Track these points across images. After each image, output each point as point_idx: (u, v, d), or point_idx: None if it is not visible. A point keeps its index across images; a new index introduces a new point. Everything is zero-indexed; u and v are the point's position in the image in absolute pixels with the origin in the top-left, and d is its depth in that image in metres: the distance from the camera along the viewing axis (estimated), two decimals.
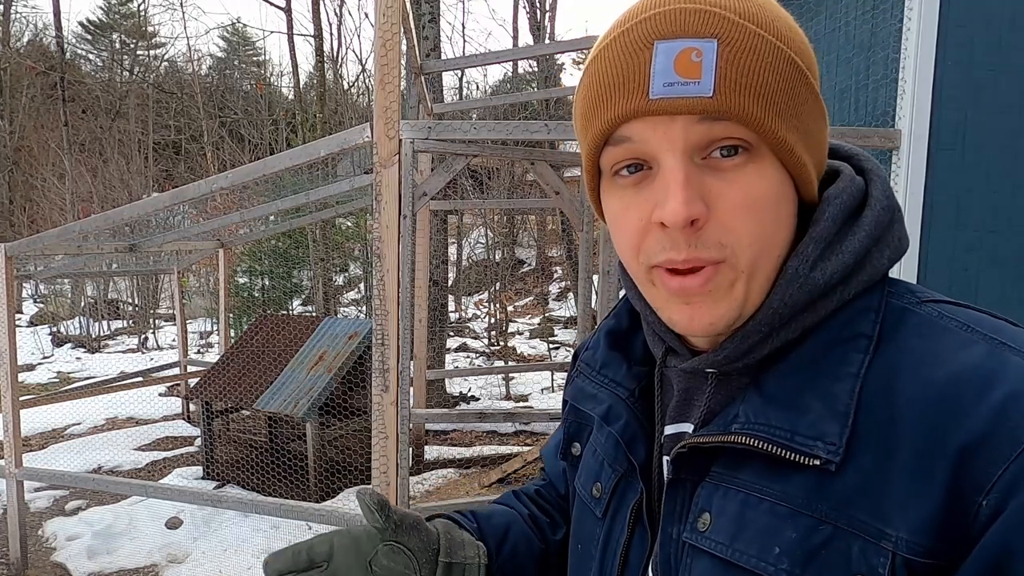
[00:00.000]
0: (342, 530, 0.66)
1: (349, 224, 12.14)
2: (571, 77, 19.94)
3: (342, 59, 19.25)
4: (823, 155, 0.54)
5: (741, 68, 0.46)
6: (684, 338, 0.59)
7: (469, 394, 7.72)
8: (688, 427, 0.58)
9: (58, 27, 19.46)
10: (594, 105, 0.51)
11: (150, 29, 26.19)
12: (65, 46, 21.72)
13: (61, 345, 11.87)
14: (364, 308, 12.35)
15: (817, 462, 0.46)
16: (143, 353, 11.26)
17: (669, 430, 0.60)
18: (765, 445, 0.48)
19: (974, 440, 0.42)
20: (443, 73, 7.65)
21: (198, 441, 5.72)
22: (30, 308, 14.95)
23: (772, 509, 0.48)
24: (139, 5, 26.96)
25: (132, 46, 26.46)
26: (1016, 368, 0.44)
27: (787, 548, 0.47)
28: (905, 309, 0.51)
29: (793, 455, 0.47)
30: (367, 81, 15.13)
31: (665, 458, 0.58)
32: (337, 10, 23.71)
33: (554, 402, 7.45)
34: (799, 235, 0.54)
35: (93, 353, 11.41)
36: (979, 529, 0.41)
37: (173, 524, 4.29)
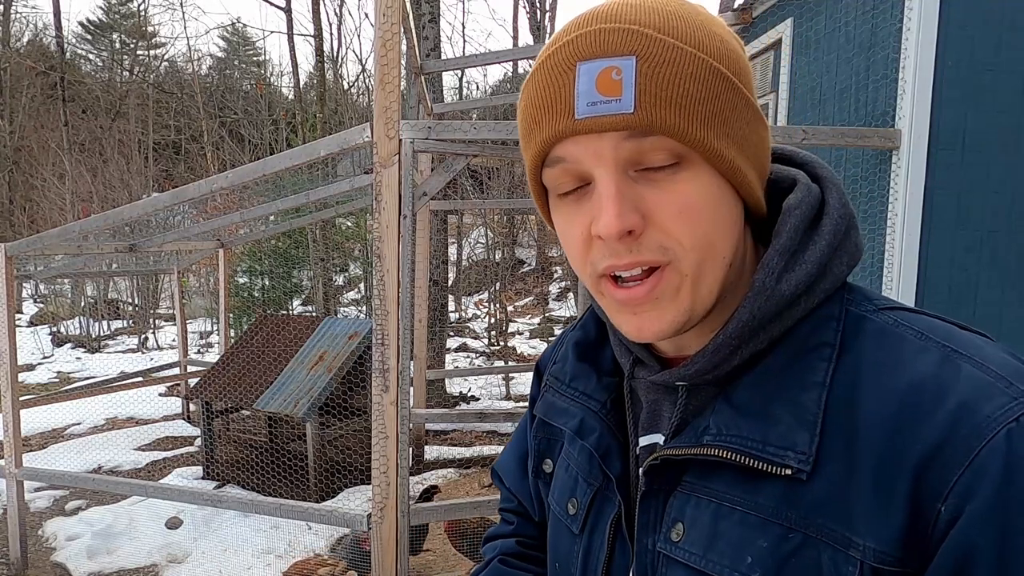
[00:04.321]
0: None
1: (349, 224, 12.13)
2: None
3: (342, 59, 19.25)
4: (763, 158, 0.54)
5: (661, 82, 0.47)
6: (652, 347, 0.60)
7: (469, 394, 7.72)
8: (659, 438, 0.59)
9: (58, 27, 19.47)
10: (528, 128, 0.52)
11: (150, 29, 26.21)
12: (65, 46, 21.72)
13: (61, 345, 11.87)
14: (364, 308, 12.35)
15: (788, 471, 0.48)
16: (143, 353, 11.26)
17: (643, 441, 0.60)
18: (738, 456, 0.50)
19: (930, 450, 0.43)
20: (443, 73, 7.65)
21: (198, 441, 5.72)
22: (30, 308, 14.95)
23: (744, 519, 0.50)
24: (139, 5, 26.98)
25: (132, 46, 26.47)
26: (967, 377, 0.45)
27: (759, 557, 0.48)
28: (863, 317, 0.52)
29: (765, 465, 0.49)
30: (367, 81, 15.13)
31: (640, 470, 0.58)
32: (337, 10, 23.73)
33: None
34: (752, 243, 0.55)
35: (93, 353, 11.41)
36: (939, 535, 0.43)
37: (173, 524, 4.29)
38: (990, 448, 0.42)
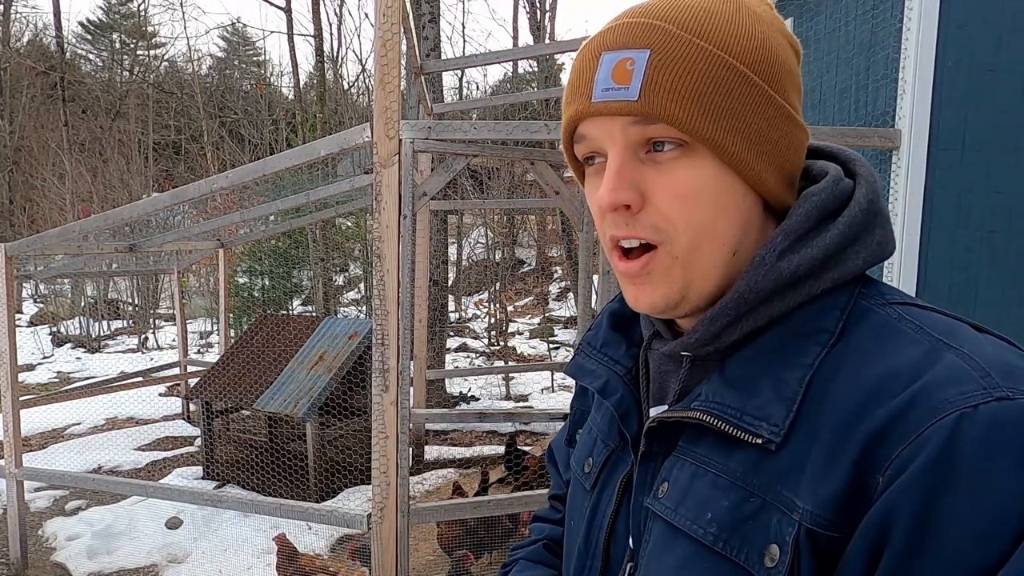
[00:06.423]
0: None
1: (349, 224, 12.13)
2: None
3: (342, 59, 19.25)
4: (787, 155, 0.56)
5: (668, 74, 0.51)
6: (670, 322, 0.64)
7: (469, 394, 7.72)
8: (663, 408, 0.62)
9: (58, 27, 19.48)
10: (564, 105, 0.59)
11: (150, 29, 26.19)
12: (65, 46, 21.72)
13: (61, 345, 11.86)
14: (364, 308, 12.35)
15: (759, 440, 0.50)
16: (143, 353, 11.25)
17: (652, 412, 0.63)
18: (716, 421, 0.53)
19: (883, 423, 0.45)
20: (443, 73, 7.65)
21: (198, 441, 5.72)
22: (30, 308, 14.94)
23: (714, 481, 0.53)
24: (139, 5, 26.96)
25: (132, 46, 26.45)
26: (945, 364, 0.46)
27: (718, 515, 0.52)
28: (869, 309, 0.53)
29: (739, 432, 0.52)
30: (367, 81, 15.13)
31: (642, 432, 0.62)
32: (337, 10, 23.72)
33: (554, 402, 7.45)
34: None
35: (93, 353, 11.40)
36: (873, 502, 0.44)
37: (173, 524, 4.29)
38: (937, 427, 0.42)
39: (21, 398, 4.09)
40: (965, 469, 0.41)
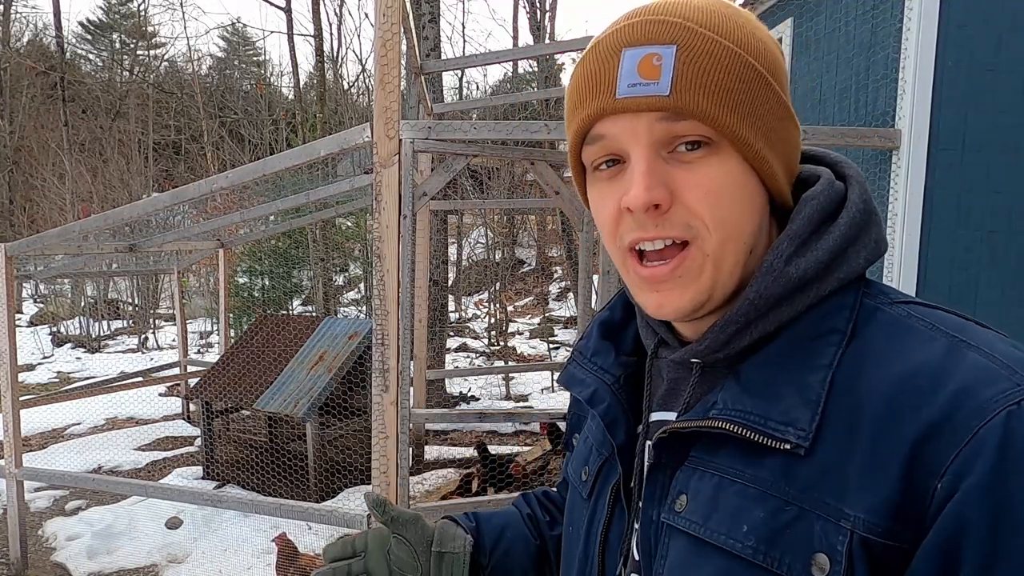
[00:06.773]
0: (375, 528, 0.78)
1: (349, 224, 12.13)
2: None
3: (342, 59, 19.25)
4: (791, 154, 0.57)
5: (697, 70, 0.51)
6: (675, 330, 0.63)
7: (469, 394, 7.72)
8: (672, 415, 0.61)
9: (58, 27, 19.49)
10: (573, 106, 0.57)
11: (150, 29, 26.19)
12: (65, 46, 21.73)
13: (61, 345, 11.86)
14: (364, 308, 12.34)
15: (787, 446, 0.50)
16: (143, 353, 11.25)
17: (655, 417, 0.63)
18: (739, 430, 0.52)
19: (928, 429, 0.45)
20: (443, 73, 7.65)
21: (198, 441, 5.72)
22: (30, 308, 14.94)
23: (743, 491, 0.52)
24: (139, 5, 26.97)
25: (132, 46, 26.46)
26: (971, 363, 0.47)
27: (754, 526, 0.50)
28: (877, 308, 0.54)
29: (765, 439, 0.51)
30: (367, 81, 15.13)
31: (648, 443, 0.61)
32: (337, 10, 23.73)
33: (554, 402, 7.45)
34: (777, 234, 0.58)
35: (93, 353, 11.41)
36: (935, 510, 0.44)
37: (173, 524, 4.29)
38: (988, 428, 0.43)
39: (21, 398, 4.09)
40: None
